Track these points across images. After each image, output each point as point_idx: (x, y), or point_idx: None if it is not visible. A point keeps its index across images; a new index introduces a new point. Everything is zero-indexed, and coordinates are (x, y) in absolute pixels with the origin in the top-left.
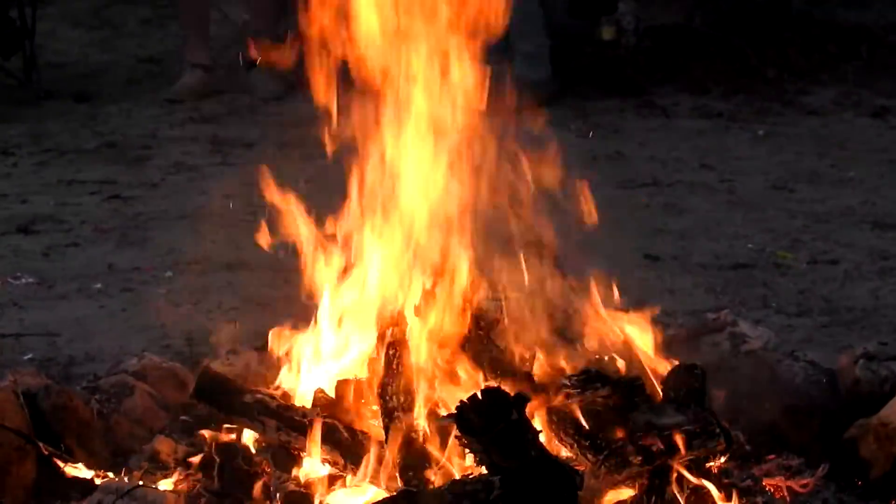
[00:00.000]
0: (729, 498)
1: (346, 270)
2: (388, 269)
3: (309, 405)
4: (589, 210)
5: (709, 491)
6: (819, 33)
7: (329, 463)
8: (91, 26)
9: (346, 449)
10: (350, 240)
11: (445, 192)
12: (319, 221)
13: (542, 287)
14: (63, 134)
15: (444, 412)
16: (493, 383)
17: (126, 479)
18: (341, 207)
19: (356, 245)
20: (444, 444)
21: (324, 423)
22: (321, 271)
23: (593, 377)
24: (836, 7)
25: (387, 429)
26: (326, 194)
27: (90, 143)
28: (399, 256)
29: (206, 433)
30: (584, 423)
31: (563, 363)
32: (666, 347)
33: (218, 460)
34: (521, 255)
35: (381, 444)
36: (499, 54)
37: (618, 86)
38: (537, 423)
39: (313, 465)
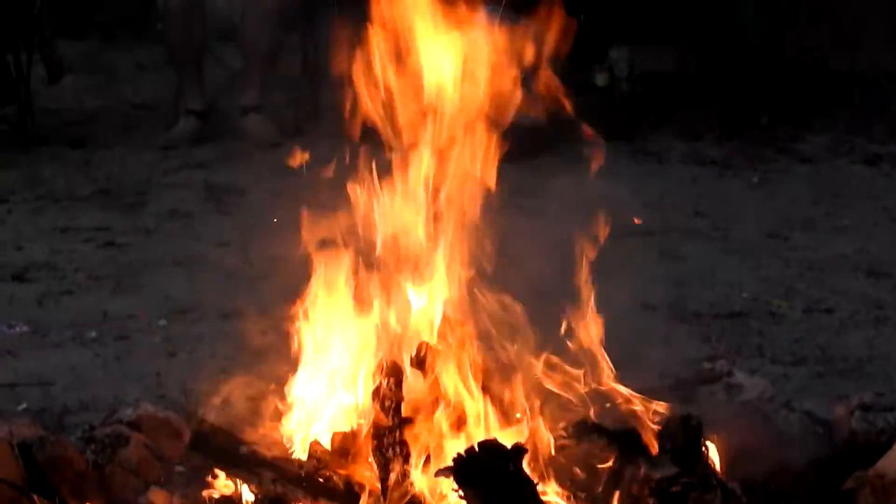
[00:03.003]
0: None
1: (339, 320)
2: (383, 319)
3: (305, 457)
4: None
5: None
6: (812, 79)
7: None
8: (85, 71)
9: (343, 502)
10: (344, 288)
11: (440, 244)
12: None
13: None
14: (57, 180)
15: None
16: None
17: None
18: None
19: (350, 294)
20: (441, 498)
21: (320, 475)
22: (316, 320)
23: (590, 427)
24: (829, 53)
25: (383, 481)
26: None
27: (85, 189)
28: (395, 305)
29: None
30: (580, 474)
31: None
32: (662, 397)
33: None
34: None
35: (378, 497)
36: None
37: (611, 132)
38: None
39: None
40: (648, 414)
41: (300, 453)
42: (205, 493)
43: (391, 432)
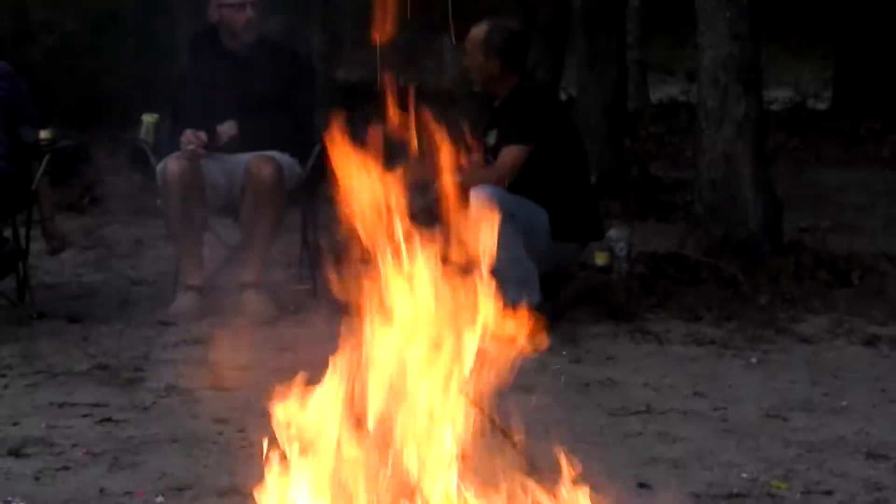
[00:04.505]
0: None
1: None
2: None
3: None
4: None
5: None
6: (811, 260)
7: None
8: (84, 246)
9: None
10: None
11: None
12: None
13: None
14: (55, 355)
15: None
16: None
17: None
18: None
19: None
20: None
21: None
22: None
23: None
24: (828, 234)
25: None
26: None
27: (82, 364)
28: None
29: None
30: None
31: None
32: None
33: None
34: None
35: None
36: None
37: (610, 311)
38: None
39: None
40: None
41: None
42: None
43: None
